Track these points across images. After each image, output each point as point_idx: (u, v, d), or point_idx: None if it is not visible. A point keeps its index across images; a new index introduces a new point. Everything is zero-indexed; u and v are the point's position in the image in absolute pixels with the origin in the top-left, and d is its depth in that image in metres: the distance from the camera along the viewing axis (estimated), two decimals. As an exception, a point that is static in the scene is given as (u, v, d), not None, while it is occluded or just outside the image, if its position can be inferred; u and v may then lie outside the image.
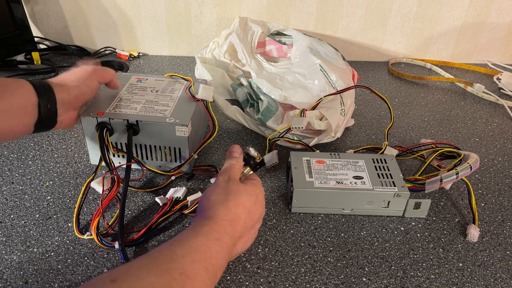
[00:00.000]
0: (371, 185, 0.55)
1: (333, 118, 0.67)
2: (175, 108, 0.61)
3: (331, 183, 0.56)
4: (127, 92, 0.64)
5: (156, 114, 0.59)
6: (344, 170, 0.58)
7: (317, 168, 0.58)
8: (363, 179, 0.56)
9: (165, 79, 0.69)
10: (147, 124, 0.58)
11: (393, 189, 0.55)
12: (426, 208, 0.56)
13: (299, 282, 0.48)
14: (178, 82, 0.68)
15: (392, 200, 0.55)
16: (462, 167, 0.55)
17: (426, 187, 0.55)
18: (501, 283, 0.49)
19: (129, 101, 0.62)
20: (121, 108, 0.60)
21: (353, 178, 0.56)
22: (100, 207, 0.52)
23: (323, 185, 0.55)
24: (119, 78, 0.66)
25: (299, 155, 0.60)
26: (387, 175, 0.57)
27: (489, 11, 0.96)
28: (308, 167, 0.58)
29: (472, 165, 0.55)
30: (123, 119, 0.57)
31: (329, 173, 0.57)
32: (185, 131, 0.58)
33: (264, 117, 0.71)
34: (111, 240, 0.52)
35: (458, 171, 0.54)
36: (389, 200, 0.55)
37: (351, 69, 0.78)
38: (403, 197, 0.55)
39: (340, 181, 0.56)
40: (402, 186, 0.55)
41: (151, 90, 0.65)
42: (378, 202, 0.56)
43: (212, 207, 0.44)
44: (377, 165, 0.59)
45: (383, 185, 0.55)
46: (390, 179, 0.56)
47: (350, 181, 0.56)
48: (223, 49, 0.85)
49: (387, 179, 0.56)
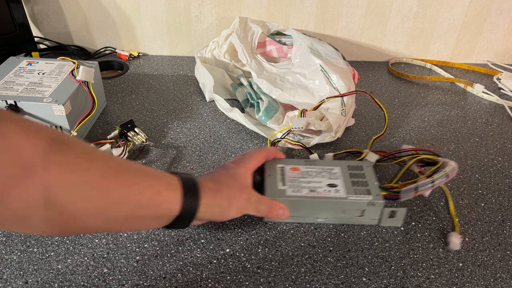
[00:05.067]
0: (345, 194, 0.53)
1: (334, 118, 0.66)
2: (56, 89, 0.65)
3: (304, 191, 0.54)
4: (14, 75, 0.69)
5: (36, 95, 0.64)
6: (319, 177, 0.56)
7: (291, 175, 0.56)
8: (337, 187, 0.54)
9: (55, 62, 0.73)
10: (26, 104, 0.62)
11: (367, 198, 0.53)
12: (402, 217, 0.55)
13: (299, 282, 0.48)
14: (67, 65, 0.72)
15: (366, 208, 0.53)
16: (439, 175, 0.53)
17: (401, 196, 0.53)
18: (501, 283, 0.49)
19: (13, 83, 0.66)
20: (1, 90, 0.64)
21: (327, 186, 0.55)
22: None
23: (296, 193, 0.53)
24: (11, 62, 0.73)
25: (273, 162, 0.59)
26: (363, 183, 0.55)
27: (489, 11, 0.95)
28: (282, 174, 0.56)
29: (449, 173, 0.54)
30: (1, 100, 0.62)
31: (303, 181, 0.55)
32: (62, 110, 0.62)
33: (264, 117, 0.71)
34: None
35: (434, 179, 0.53)
36: (363, 208, 0.53)
37: (352, 69, 0.78)
38: (378, 205, 0.53)
39: (313, 189, 0.54)
40: (377, 195, 0.53)
41: (37, 72, 0.70)
42: (352, 211, 0.54)
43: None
44: (353, 172, 0.57)
45: (358, 193, 0.53)
46: (365, 187, 0.54)
47: (324, 189, 0.54)
48: (223, 49, 0.85)
49: (362, 187, 0.54)
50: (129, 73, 0.92)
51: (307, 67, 0.75)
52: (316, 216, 0.55)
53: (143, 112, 0.78)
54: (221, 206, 0.48)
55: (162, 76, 0.92)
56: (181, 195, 0.43)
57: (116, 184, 0.38)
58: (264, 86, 0.74)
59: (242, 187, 0.50)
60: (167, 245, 0.52)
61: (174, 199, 0.43)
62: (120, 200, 0.39)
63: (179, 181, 0.44)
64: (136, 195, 0.40)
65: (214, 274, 0.48)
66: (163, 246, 0.52)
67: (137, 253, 0.50)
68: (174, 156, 0.68)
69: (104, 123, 0.75)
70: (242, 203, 0.49)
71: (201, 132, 0.74)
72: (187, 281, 0.47)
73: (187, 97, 0.84)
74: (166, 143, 0.70)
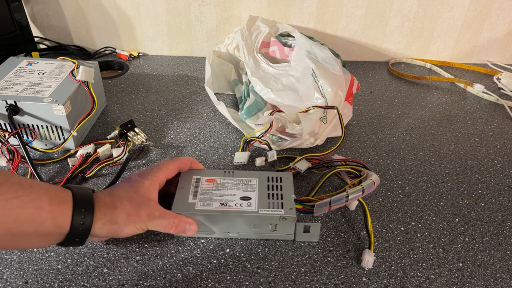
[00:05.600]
0: (256, 207, 0.51)
1: (308, 124, 0.64)
2: (56, 89, 0.65)
3: (214, 204, 0.51)
4: (14, 75, 0.68)
5: (36, 95, 0.63)
6: (234, 190, 0.53)
7: (205, 188, 0.53)
8: (250, 200, 0.52)
9: (55, 62, 0.73)
10: (26, 104, 0.62)
11: (279, 212, 0.50)
12: (317, 232, 0.52)
13: (299, 282, 0.48)
14: (67, 65, 0.72)
15: (278, 223, 0.51)
16: (353, 190, 0.51)
17: (314, 210, 0.50)
18: (501, 283, 0.49)
19: (13, 83, 0.66)
20: (1, 90, 0.64)
21: (240, 199, 0.52)
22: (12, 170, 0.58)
23: (205, 207, 0.51)
24: (11, 62, 0.72)
25: (190, 173, 0.56)
26: (278, 196, 0.52)
27: (489, 11, 0.95)
28: (196, 186, 0.54)
29: (366, 188, 0.51)
30: (1, 100, 0.61)
31: (216, 194, 0.53)
32: (62, 110, 0.62)
33: (245, 114, 0.71)
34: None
35: (349, 193, 0.50)
36: (275, 223, 0.51)
37: (351, 77, 0.76)
38: (290, 220, 0.50)
39: (224, 202, 0.51)
40: (290, 209, 0.51)
41: (37, 72, 0.70)
42: (264, 226, 0.51)
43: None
44: (271, 184, 0.54)
45: (270, 207, 0.51)
46: (279, 200, 0.52)
47: (236, 203, 0.51)
48: (232, 46, 0.87)
49: (276, 200, 0.52)
50: (129, 73, 0.92)
51: (301, 70, 0.74)
52: (227, 231, 0.52)
53: (143, 112, 0.78)
54: (118, 223, 0.45)
55: (162, 76, 0.92)
56: (71, 210, 0.41)
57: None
58: (257, 85, 0.75)
59: (143, 202, 0.47)
60: (167, 245, 0.52)
61: (62, 215, 0.40)
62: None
63: (70, 195, 0.42)
64: (14, 209, 0.36)
65: (214, 274, 0.48)
66: (163, 246, 0.52)
67: (137, 253, 0.50)
68: (174, 156, 0.68)
69: (104, 123, 0.75)
70: (142, 219, 0.46)
71: (201, 132, 0.74)
72: (187, 281, 0.47)
73: (187, 97, 0.84)
74: (166, 143, 0.70)
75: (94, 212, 0.43)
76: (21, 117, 0.63)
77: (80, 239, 0.43)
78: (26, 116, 0.63)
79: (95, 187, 0.60)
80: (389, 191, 0.62)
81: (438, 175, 0.66)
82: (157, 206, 0.48)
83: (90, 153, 0.64)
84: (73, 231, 0.41)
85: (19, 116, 0.63)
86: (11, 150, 0.60)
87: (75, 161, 0.63)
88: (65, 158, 0.65)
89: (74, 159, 0.63)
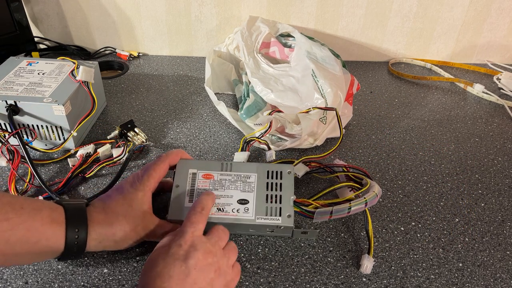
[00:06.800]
0: (253, 214, 0.50)
1: (307, 124, 0.64)
2: (56, 89, 0.65)
3: (212, 210, 0.50)
4: (14, 75, 0.68)
5: (36, 95, 0.63)
6: (231, 189, 0.52)
7: (202, 187, 0.52)
8: (248, 204, 0.51)
9: (55, 62, 0.73)
10: (26, 104, 0.62)
11: (276, 221, 0.50)
12: (314, 237, 0.53)
13: (299, 282, 0.48)
14: (67, 65, 0.72)
15: (276, 229, 0.51)
16: (356, 202, 0.49)
17: (314, 217, 0.49)
18: (501, 283, 0.49)
19: (13, 83, 0.66)
20: (1, 90, 0.64)
21: (237, 203, 0.51)
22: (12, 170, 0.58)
23: None
24: (10, 62, 0.72)
25: (186, 164, 0.54)
26: (277, 198, 0.51)
27: (489, 11, 0.95)
28: (192, 184, 0.52)
29: (369, 201, 0.49)
30: (1, 100, 0.61)
31: None
32: (62, 110, 0.62)
33: (245, 114, 0.71)
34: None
35: (351, 206, 0.49)
36: (272, 229, 0.51)
37: (351, 78, 0.76)
38: (287, 228, 0.50)
39: (221, 207, 0.50)
40: (288, 216, 0.50)
41: (37, 73, 0.69)
42: (261, 231, 0.52)
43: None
44: (270, 181, 0.53)
45: (268, 213, 0.50)
46: (278, 204, 0.51)
47: (233, 208, 0.50)
48: (232, 46, 0.87)
49: (274, 204, 0.51)
50: (129, 73, 0.92)
51: (301, 70, 0.74)
52: None
53: (143, 112, 0.78)
54: (115, 240, 0.45)
55: (162, 76, 0.92)
56: (64, 230, 0.40)
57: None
58: (257, 85, 0.75)
59: (138, 216, 0.46)
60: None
61: (55, 235, 0.40)
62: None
63: (62, 214, 0.41)
64: (4, 232, 0.36)
65: (214, 274, 0.48)
66: (163, 246, 0.52)
67: (137, 253, 0.50)
68: (174, 156, 0.68)
69: (104, 123, 0.75)
70: (139, 233, 0.46)
71: (201, 132, 0.74)
72: (187, 281, 0.47)
73: (187, 97, 0.84)
74: (166, 143, 0.70)
75: (89, 231, 0.42)
76: (21, 117, 0.63)
77: (76, 255, 0.43)
78: (26, 116, 0.63)
79: (95, 187, 0.60)
80: (389, 191, 0.62)
81: (438, 175, 0.66)
82: (151, 218, 0.48)
83: (90, 153, 0.64)
84: (68, 249, 0.41)
85: (19, 116, 0.63)
86: (11, 150, 0.60)
87: (75, 161, 0.63)
88: (65, 158, 0.65)
89: (74, 159, 0.63)
